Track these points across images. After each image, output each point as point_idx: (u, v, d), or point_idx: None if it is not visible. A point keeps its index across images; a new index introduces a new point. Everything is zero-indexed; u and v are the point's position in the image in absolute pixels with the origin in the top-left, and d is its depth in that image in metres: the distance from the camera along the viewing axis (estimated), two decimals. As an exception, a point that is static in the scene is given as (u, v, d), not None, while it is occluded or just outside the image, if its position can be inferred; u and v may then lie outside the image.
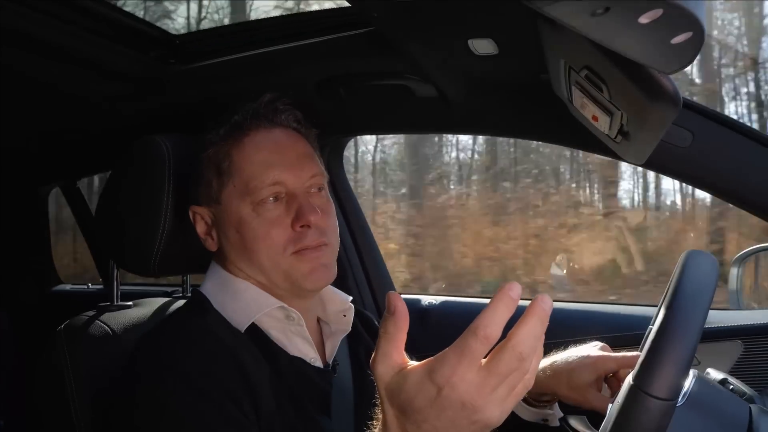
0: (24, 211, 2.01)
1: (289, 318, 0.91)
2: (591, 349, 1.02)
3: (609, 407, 0.76)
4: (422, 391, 0.53)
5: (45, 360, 0.96)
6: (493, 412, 0.52)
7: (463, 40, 0.96)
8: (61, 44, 1.06)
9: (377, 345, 0.56)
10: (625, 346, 1.17)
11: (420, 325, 1.51)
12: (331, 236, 0.93)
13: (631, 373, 0.65)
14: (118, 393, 0.83)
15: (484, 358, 0.52)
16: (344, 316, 0.99)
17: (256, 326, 0.90)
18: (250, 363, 0.82)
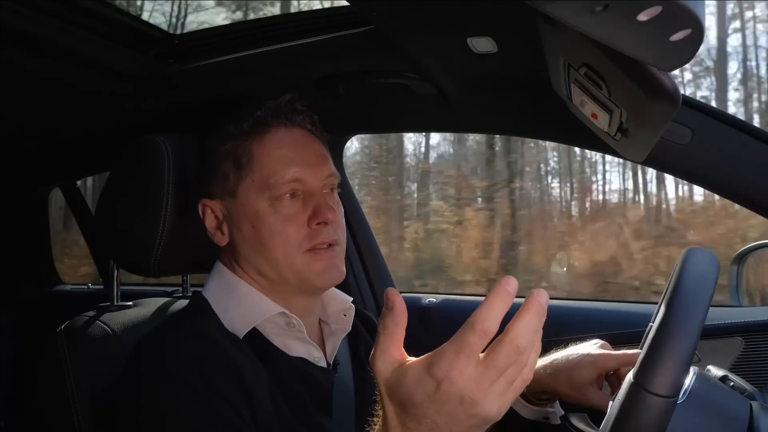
0: (24, 211, 2.01)
1: (290, 325, 0.91)
2: (591, 347, 1.02)
3: (609, 405, 0.76)
4: (421, 386, 0.53)
5: (45, 360, 0.96)
6: (492, 406, 0.53)
7: (463, 38, 0.96)
8: (60, 44, 1.05)
9: (376, 341, 0.57)
10: (625, 344, 1.17)
11: (420, 324, 1.51)
12: (341, 236, 0.94)
13: (632, 371, 0.65)
14: (116, 397, 0.83)
15: (482, 352, 0.52)
16: (344, 315, 0.99)
17: (255, 330, 0.90)
18: (247, 368, 0.82)
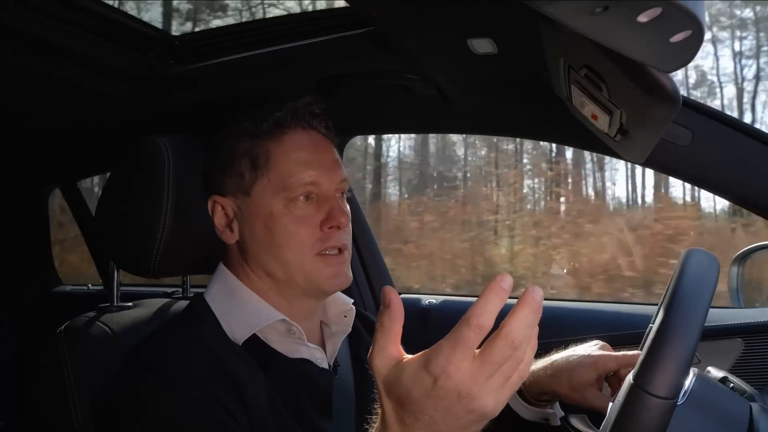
0: (24, 211, 2.01)
1: (290, 332, 0.91)
2: (591, 349, 1.02)
3: (609, 406, 0.76)
4: (419, 382, 0.54)
5: (45, 361, 0.96)
6: (489, 401, 0.53)
7: (463, 39, 0.96)
8: (60, 44, 1.06)
9: (374, 339, 0.58)
10: (625, 345, 1.17)
11: (420, 325, 1.51)
12: (349, 241, 0.95)
13: (632, 372, 0.65)
14: (110, 402, 0.83)
15: (479, 348, 0.53)
16: (345, 317, 0.99)
17: (255, 335, 0.90)
18: (243, 373, 0.82)
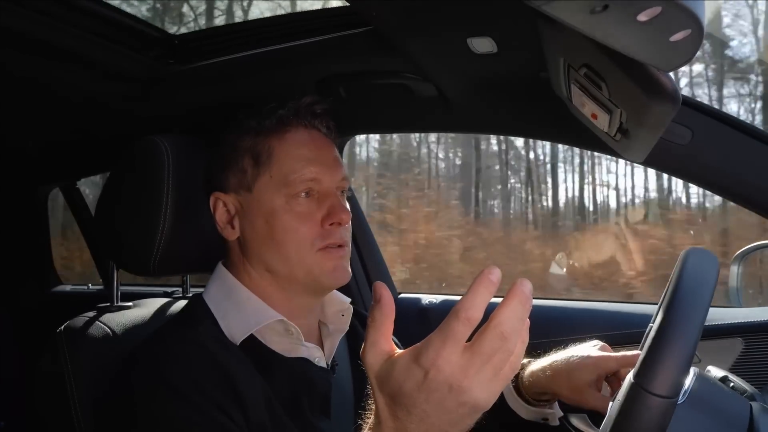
0: (24, 211, 2.01)
1: (288, 332, 0.91)
2: (591, 349, 1.02)
3: (609, 405, 0.76)
4: (410, 375, 0.54)
5: (45, 361, 0.97)
6: (480, 394, 0.53)
7: (463, 38, 0.96)
8: (59, 44, 1.05)
9: (366, 334, 0.58)
10: (625, 344, 1.17)
11: (420, 324, 1.51)
12: (349, 238, 0.96)
13: (632, 371, 0.65)
14: (108, 403, 0.83)
15: (469, 342, 0.53)
16: (342, 316, 0.99)
17: (253, 336, 0.90)
18: (240, 374, 0.82)
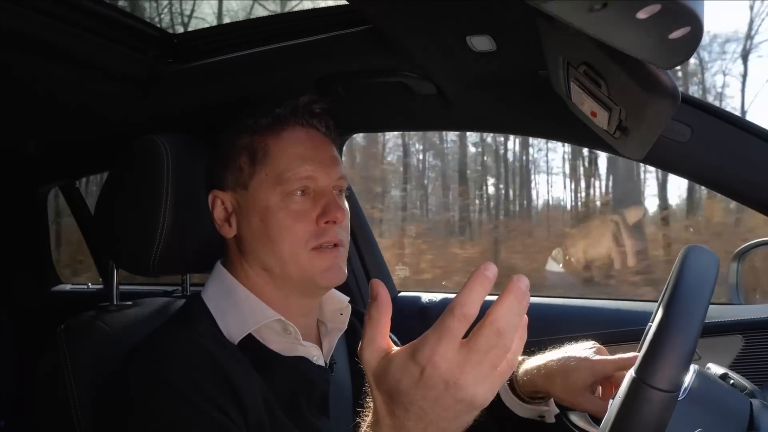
0: (23, 210, 2.01)
1: (286, 331, 0.91)
2: (587, 352, 1.01)
3: (610, 403, 0.76)
4: (407, 372, 0.54)
5: (45, 360, 0.96)
6: (477, 390, 0.53)
7: (462, 37, 0.96)
8: (58, 44, 1.05)
9: (363, 332, 0.58)
10: (624, 342, 1.17)
11: (420, 323, 1.51)
12: (346, 238, 0.95)
13: (633, 367, 0.66)
14: (107, 403, 0.83)
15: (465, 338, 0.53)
16: (341, 314, 0.99)
17: (252, 335, 0.90)
18: (238, 373, 0.82)
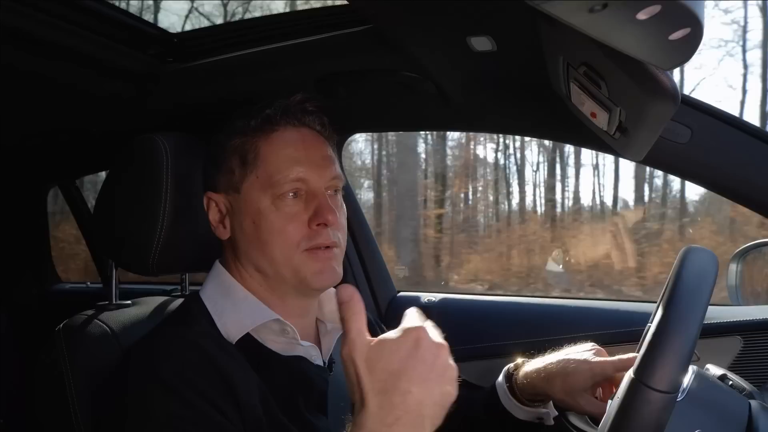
0: (23, 209, 2.01)
1: (284, 332, 0.91)
2: (587, 354, 1.02)
3: (609, 403, 0.76)
4: (402, 344, 0.63)
5: (44, 359, 0.96)
6: (454, 374, 0.63)
7: (462, 37, 0.96)
8: (58, 42, 1.05)
9: (347, 331, 0.64)
10: (621, 343, 1.17)
11: (419, 323, 1.51)
12: (341, 238, 0.94)
13: (632, 368, 0.66)
14: (104, 402, 0.83)
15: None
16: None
17: (249, 335, 0.89)
18: (236, 373, 0.82)
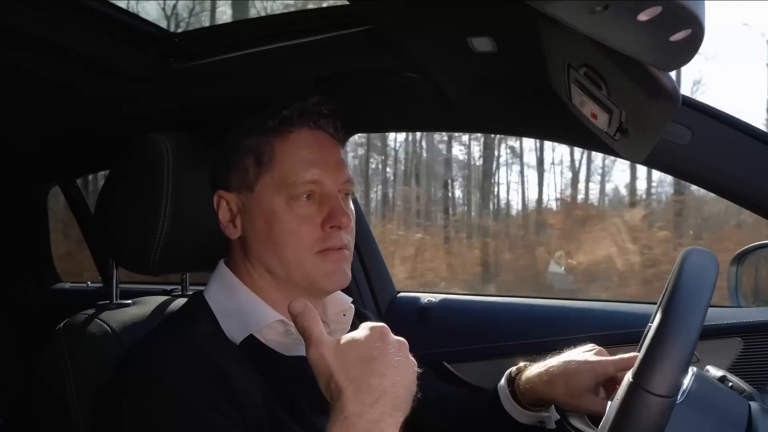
0: (23, 209, 2.01)
1: (288, 333, 0.91)
2: (587, 354, 1.02)
3: (608, 405, 0.76)
4: (370, 336, 0.68)
5: (44, 358, 0.96)
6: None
7: (463, 38, 0.96)
8: (59, 42, 1.05)
9: (309, 334, 0.69)
10: (622, 344, 1.17)
11: (419, 323, 1.51)
12: (351, 241, 0.95)
13: (630, 371, 0.66)
14: (106, 400, 0.83)
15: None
16: (344, 315, 0.99)
17: (253, 335, 0.89)
18: (238, 374, 0.82)
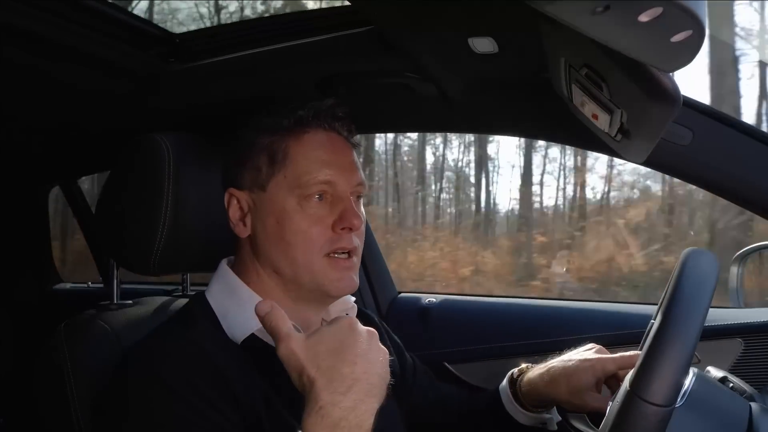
0: (24, 209, 2.01)
1: None
2: (587, 353, 1.02)
3: (609, 405, 0.76)
4: (338, 328, 0.71)
5: (45, 358, 0.97)
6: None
7: (464, 38, 0.96)
8: (60, 42, 1.05)
9: (278, 332, 0.71)
10: (624, 345, 1.17)
11: (420, 323, 1.51)
12: (360, 245, 0.95)
13: (628, 377, 0.65)
14: (106, 400, 0.83)
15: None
16: (347, 315, 0.99)
17: (254, 335, 0.89)
18: (238, 374, 0.81)
